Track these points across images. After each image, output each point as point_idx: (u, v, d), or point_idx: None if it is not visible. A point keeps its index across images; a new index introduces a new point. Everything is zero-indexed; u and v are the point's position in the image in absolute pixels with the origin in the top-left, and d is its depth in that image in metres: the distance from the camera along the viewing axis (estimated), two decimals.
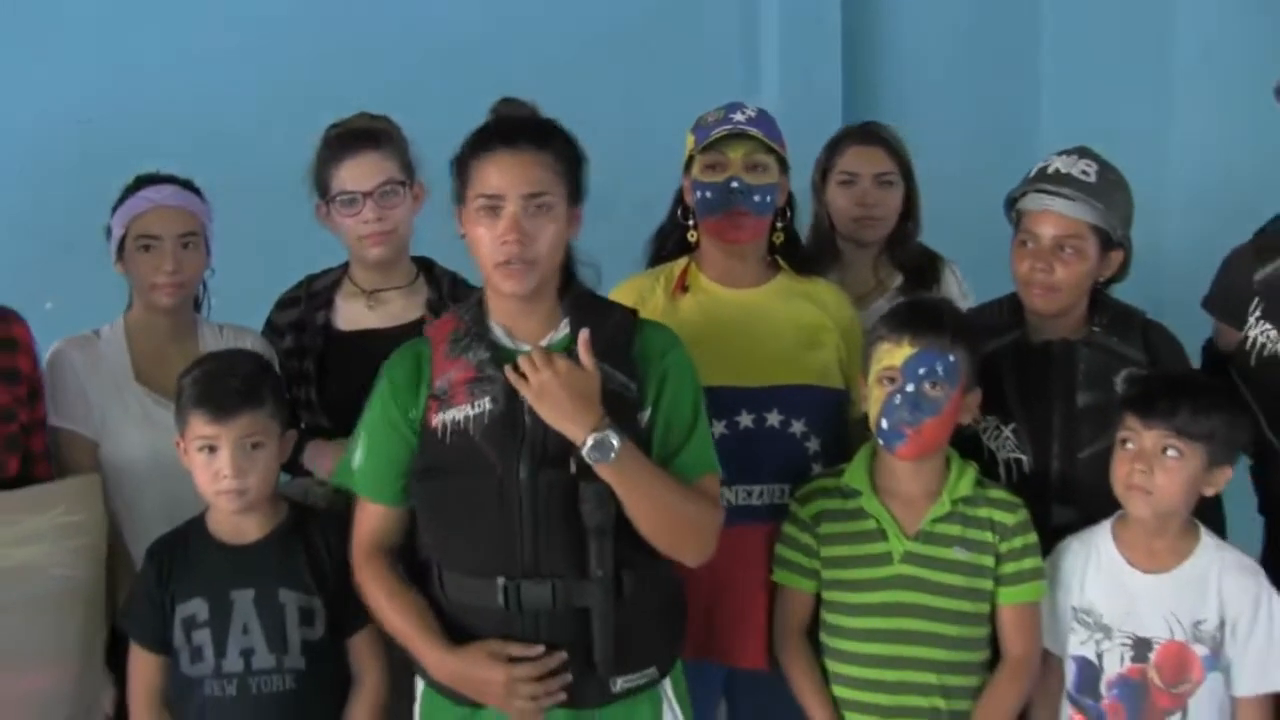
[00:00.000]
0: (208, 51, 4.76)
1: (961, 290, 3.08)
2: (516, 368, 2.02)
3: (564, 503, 2.02)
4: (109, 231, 2.71)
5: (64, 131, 4.65)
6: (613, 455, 1.97)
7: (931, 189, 3.24)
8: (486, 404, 2.06)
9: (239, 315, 2.94)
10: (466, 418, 2.07)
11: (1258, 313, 2.63)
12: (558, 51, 4.67)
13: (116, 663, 2.44)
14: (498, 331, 2.11)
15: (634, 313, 2.22)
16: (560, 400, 1.99)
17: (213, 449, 2.24)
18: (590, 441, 1.97)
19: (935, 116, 5.13)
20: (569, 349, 2.05)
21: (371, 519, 2.18)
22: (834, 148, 3.17)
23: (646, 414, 2.11)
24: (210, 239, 2.74)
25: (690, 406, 2.13)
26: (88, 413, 2.61)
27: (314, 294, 2.80)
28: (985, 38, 5.40)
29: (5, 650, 2.30)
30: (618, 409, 2.04)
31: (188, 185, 2.72)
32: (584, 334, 2.04)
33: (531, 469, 2.03)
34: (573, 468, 2.02)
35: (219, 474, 2.23)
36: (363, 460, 2.16)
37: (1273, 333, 2.58)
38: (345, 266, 2.82)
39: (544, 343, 2.10)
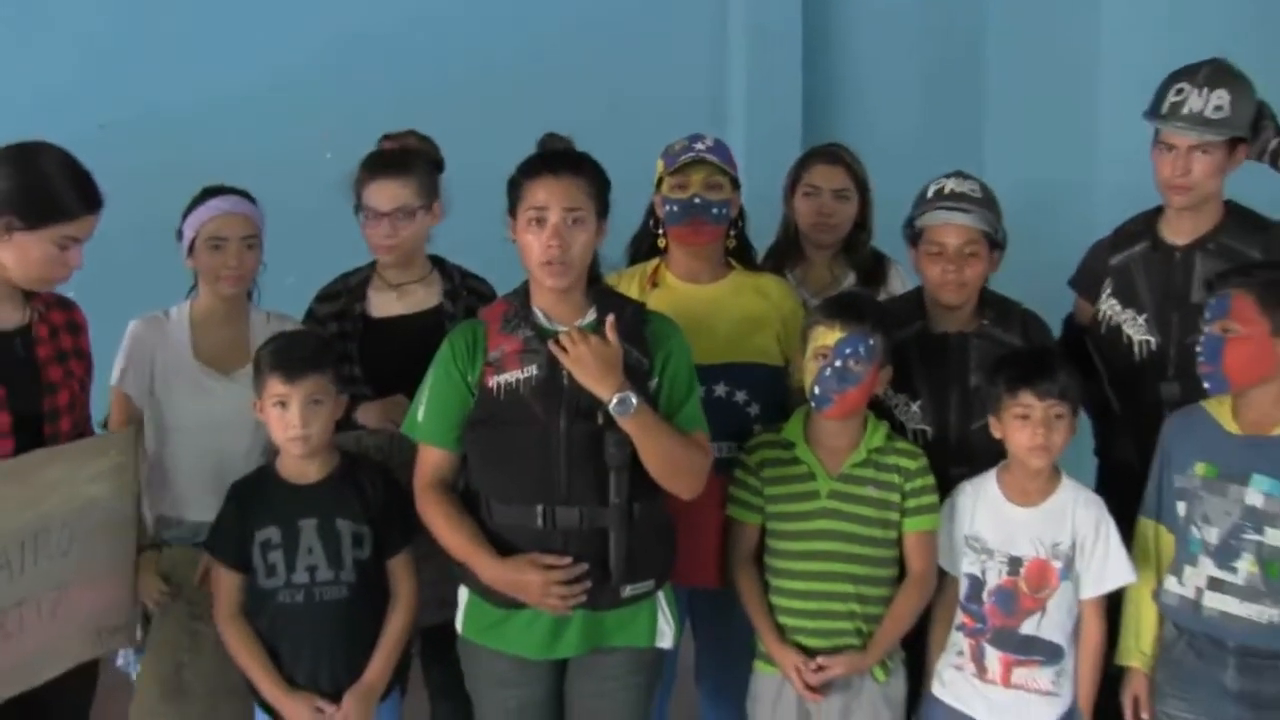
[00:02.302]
0: (220, 59, 5.11)
1: (904, 285, 3.56)
2: (559, 342, 2.56)
3: (592, 447, 2.55)
4: (180, 234, 3.13)
5: (85, 134, 5.06)
6: (632, 410, 2.52)
7: (885, 189, 3.62)
8: (534, 370, 2.58)
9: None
10: (518, 380, 2.59)
11: (1108, 291, 3.20)
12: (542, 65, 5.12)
13: None
14: (539, 315, 2.64)
15: (643, 305, 2.77)
16: (592, 368, 2.52)
17: (284, 404, 2.73)
18: (615, 400, 2.51)
19: (886, 127, 5.65)
20: (598, 329, 2.59)
21: (432, 460, 2.68)
22: (802, 164, 3.72)
23: (654, 382, 2.64)
24: (263, 241, 3.19)
25: (686, 378, 2.69)
26: (147, 385, 3.07)
27: (350, 289, 3.26)
28: (934, 57, 5.87)
29: (85, 568, 2.74)
30: (633, 377, 2.57)
31: (247, 195, 3.17)
32: (610, 319, 2.59)
33: (568, 420, 2.56)
34: (600, 420, 2.55)
35: (289, 424, 2.73)
36: (426, 414, 2.67)
37: (1118, 308, 3.16)
38: (373, 264, 3.29)
39: (577, 324, 2.63)
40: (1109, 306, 3.20)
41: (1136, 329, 3.14)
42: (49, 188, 2.66)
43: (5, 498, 2.57)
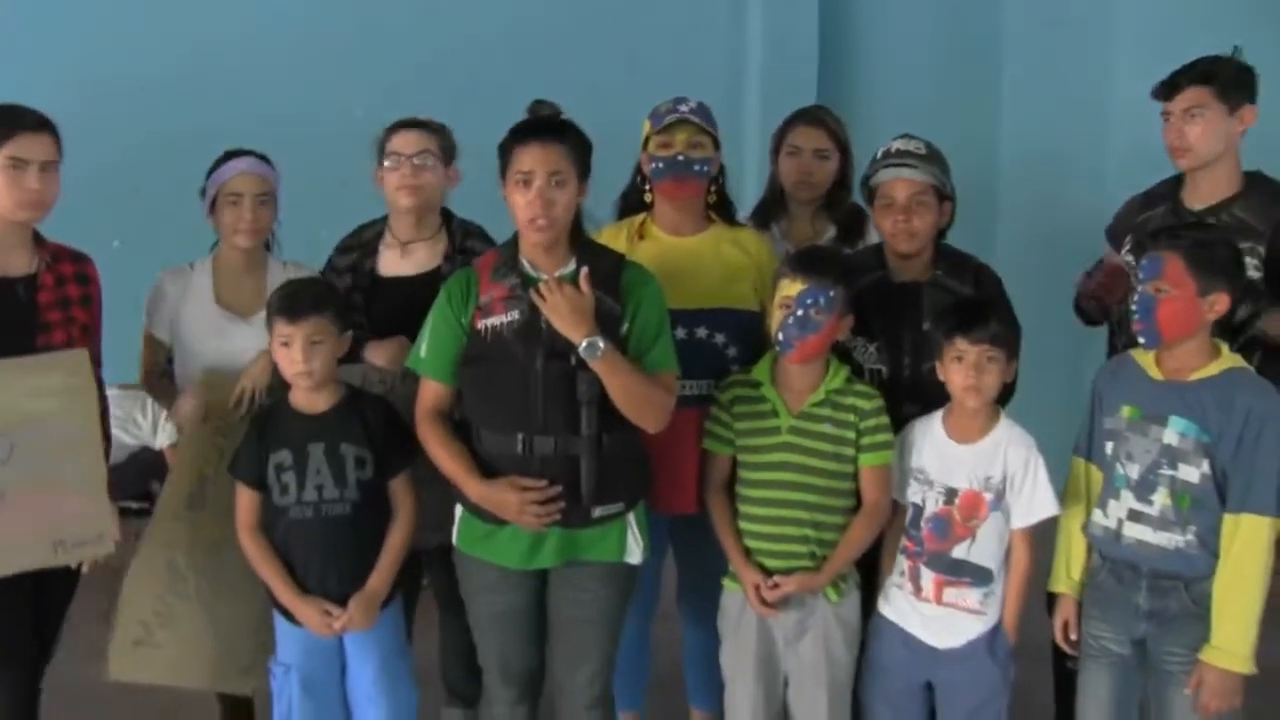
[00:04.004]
0: (253, 27, 5.43)
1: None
2: (538, 290, 2.85)
3: (565, 383, 2.85)
4: (204, 192, 3.47)
5: (127, 93, 5.36)
6: (599, 353, 2.81)
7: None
8: (516, 315, 2.88)
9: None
10: (502, 323, 2.90)
11: (1128, 246, 3.43)
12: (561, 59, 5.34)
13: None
14: (525, 264, 2.94)
15: (622, 256, 3.05)
16: (566, 314, 2.82)
17: (288, 344, 3.05)
18: (584, 343, 2.81)
19: (902, 89, 5.84)
20: (574, 279, 2.88)
21: (431, 392, 3.00)
22: (786, 126, 3.95)
23: (625, 326, 2.92)
24: (279, 197, 3.51)
25: (655, 324, 2.96)
26: (172, 326, 3.43)
27: (364, 243, 3.57)
28: (950, 17, 5.99)
29: (34, 480, 2.96)
30: (605, 322, 2.86)
31: (263, 157, 3.49)
32: (584, 271, 2.88)
33: (545, 360, 2.86)
34: (572, 360, 2.84)
35: (294, 361, 3.05)
36: (427, 351, 2.98)
37: (1132, 263, 3.34)
38: (386, 219, 3.58)
39: (557, 274, 2.90)
40: (1126, 261, 3.43)
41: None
42: None
43: None
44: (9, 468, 2.95)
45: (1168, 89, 3.32)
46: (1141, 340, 2.92)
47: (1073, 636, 3.08)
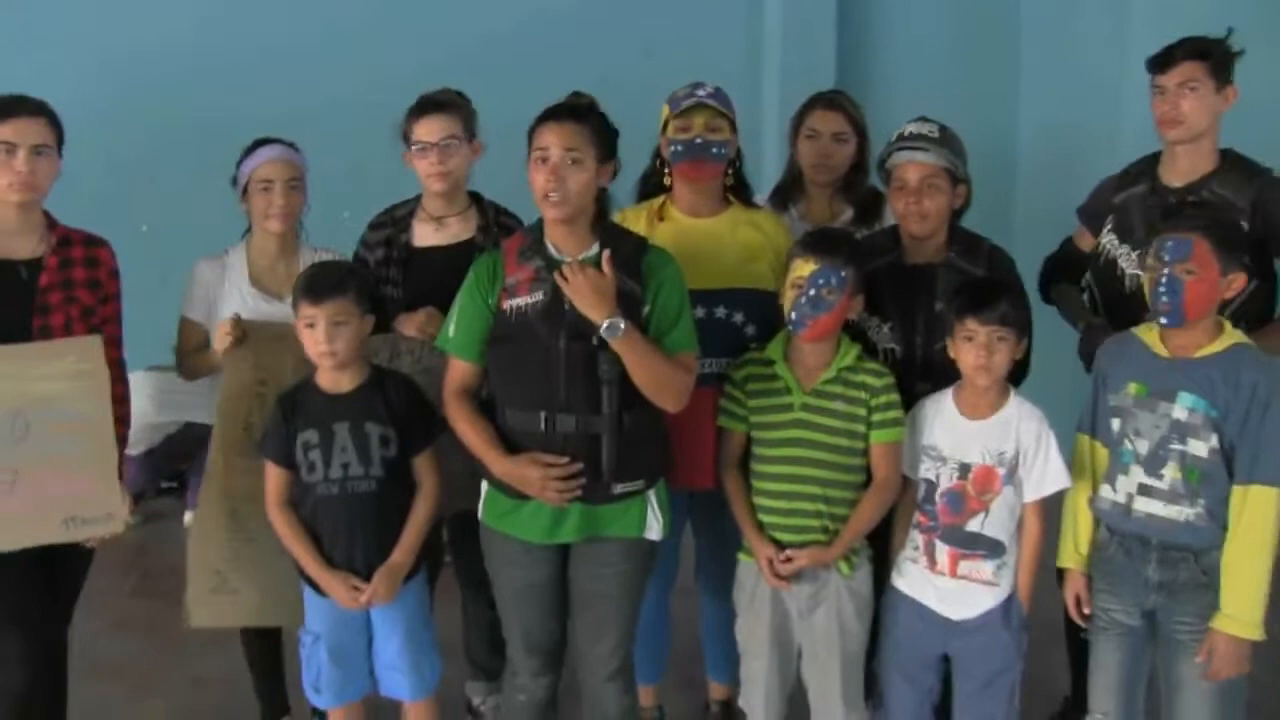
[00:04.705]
0: (274, 17, 5.54)
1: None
2: (561, 273, 2.92)
3: (587, 363, 2.92)
4: (235, 180, 3.58)
5: (153, 82, 5.48)
6: (619, 334, 2.87)
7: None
8: (540, 296, 2.95)
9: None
10: (527, 304, 2.97)
11: (1109, 226, 3.51)
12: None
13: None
14: (550, 247, 3.01)
15: (644, 240, 3.11)
16: (588, 296, 2.88)
17: (312, 325, 3.13)
18: (605, 324, 2.87)
19: (921, 70, 5.87)
20: (597, 262, 2.95)
21: (459, 371, 3.08)
22: (804, 109, 4.00)
23: (646, 308, 2.99)
24: (307, 184, 3.60)
25: (675, 306, 3.02)
26: (208, 309, 3.53)
27: (396, 220, 3.67)
28: (970, 3, 6.10)
29: (48, 459, 3.08)
30: (627, 304, 2.92)
31: (292, 145, 3.60)
32: (606, 253, 2.95)
33: (568, 340, 2.92)
34: (594, 341, 2.91)
35: (317, 341, 3.12)
36: (455, 331, 3.06)
37: (1115, 242, 3.46)
38: (419, 198, 3.67)
39: (580, 257, 2.97)
40: (1108, 241, 3.51)
41: (1129, 263, 3.44)
42: None
43: None
44: (25, 446, 3.06)
45: (1162, 62, 3.38)
46: (1164, 320, 2.94)
47: (1086, 610, 3.14)
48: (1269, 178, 3.36)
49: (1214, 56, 3.33)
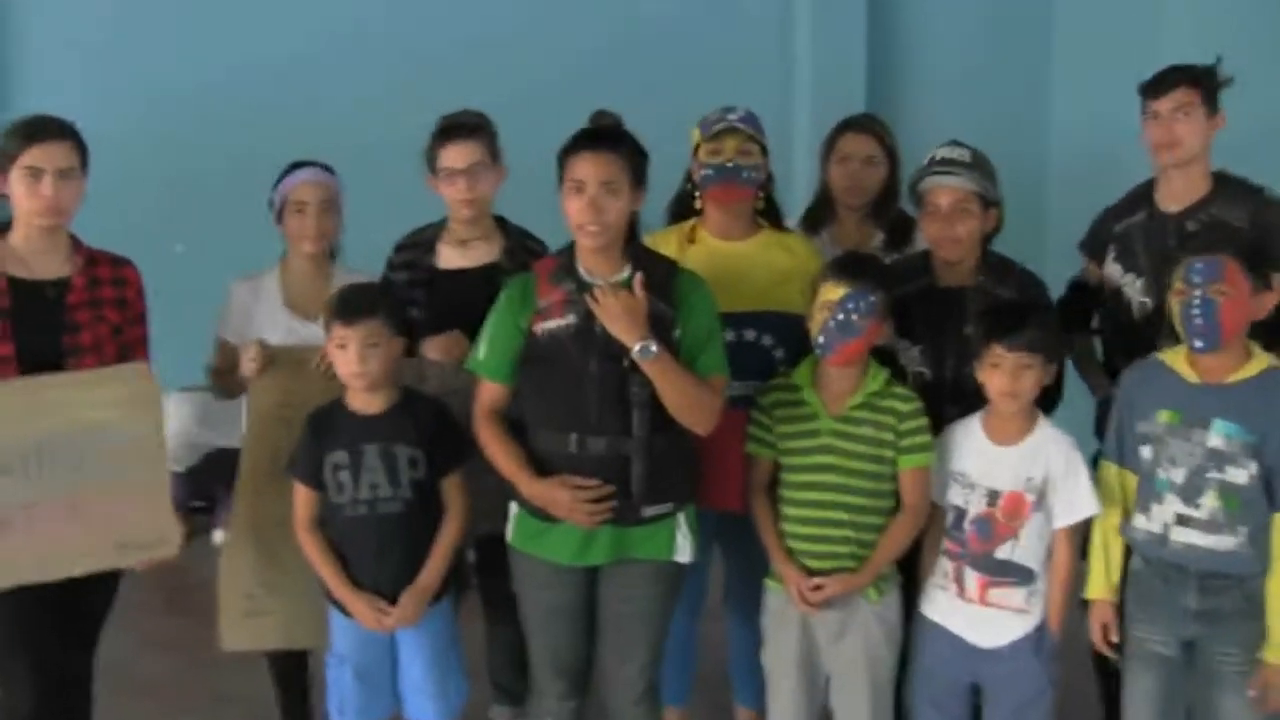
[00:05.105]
0: (307, 45, 5.61)
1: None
2: (594, 295, 2.93)
3: (619, 386, 2.93)
4: (272, 202, 3.60)
5: (191, 107, 5.57)
6: (651, 356, 2.88)
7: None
8: (573, 318, 2.96)
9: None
10: (559, 326, 2.97)
11: (1112, 255, 3.51)
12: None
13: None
14: (582, 270, 3.01)
15: (675, 263, 3.12)
16: (620, 319, 2.89)
17: (344, 346, 3.13)
18: (637, 347, 2.88)
19: (949, 98, 5.87)
20: (628, 285, 2.95)
21: (489, 392, 3.09)
22: (835, 133, 4.01)
23: (678, 331, 2.99)
24: (342, 207, 3.63)
25: (706, 329, 3.03)
26: (243, 330, 3.54)
27: (422, 242, 3.67)
28: (1000, 29, 6.09)
29: (104, 484, 3.08)
30: (659, 327, 2.93)
31: (326, 168, 3.62)
32: (639, 276, 2.95)
33: (599, 363, 2.93)
34: (626, 363, 2.92)
35: (350, 363, 3.13)
36: (485, 352, 3.07)
37: (1119, 271, 3.46)
38: (444, 221, 3.68)
39: (613, 279, 2.97)
40: (1113, 270, 3.50)
41: (1135, 291, 3.43)
42: (7, 132, 3.13)
43: (8, 410, 2.97)
44: (80, 474, 3.06)
45: (1156, 88, 3.39)
46: (1199, 344, 2.91)
47: (1113, 639, 3.10)
48: (1263, 197, 3.39)
49: (1206, 84, 3.37)
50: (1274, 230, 3.25)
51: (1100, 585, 3.13)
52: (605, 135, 3.06)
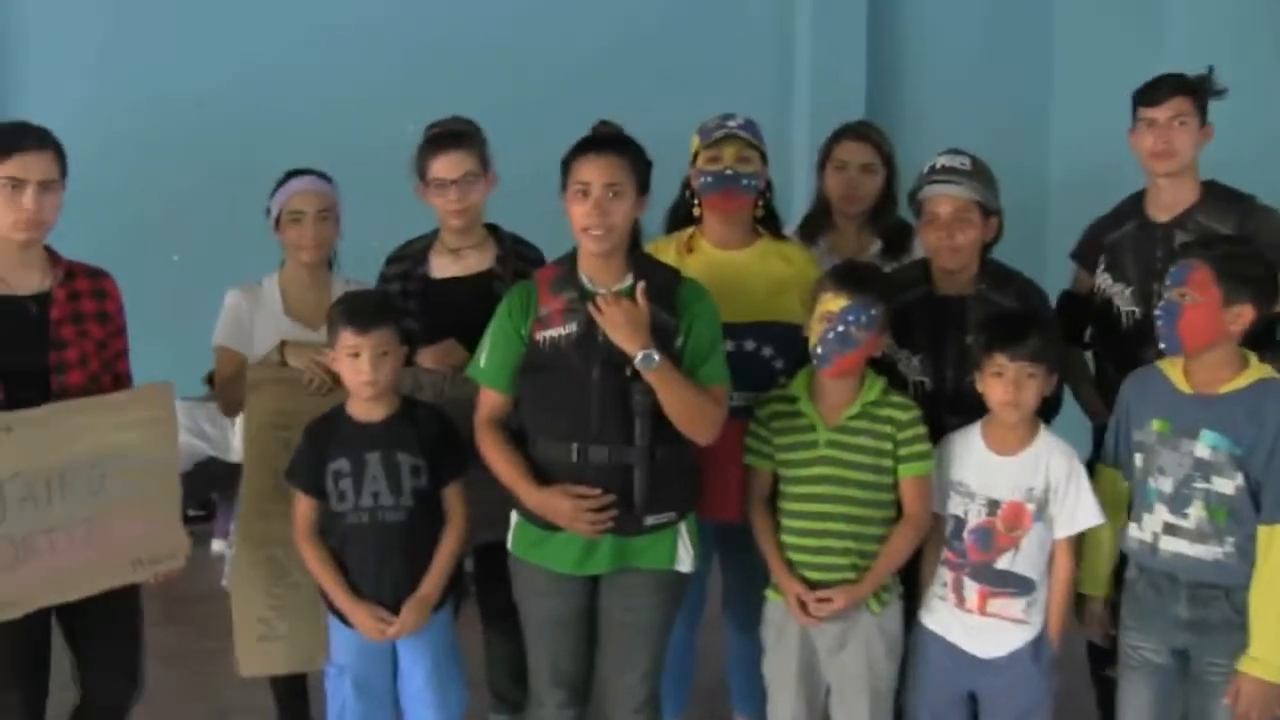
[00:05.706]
0: (305, 53, 5.61)
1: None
2: (596, 304, 2.93)
3: (621, 395, 2.93)
4: (269, 210, 3.60)
5: (186, 115, 5.56)
6: (654, 365, 2.88)
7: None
8: (574, 327, 2.96)
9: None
10: (560, 335, 2.98)
11: (1102, 266, 3.52)
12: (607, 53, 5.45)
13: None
14: (584, 278, 3.02)
15: (678, 272, 3.12)
16: (622, 328, 2.89)
17: (356, 355, 3.13)
18: (640, 356, 2.88)
19: (951, 107, 5.88)
20: (631, 293, 2.96)
21: (490, 400, 3.09)
22: (832, 141, 4.02)
23: (680, 341, 2.99)
24: (340, 215, 3.63)
25: (709, 338, 3.04)
26: (243, 338, 3.55)
27: (414, 253, 3.67)
28: (1000, 36, 6.10)
29: (121, 505, 3.09)
30: (661, 336, 2.93)
31: (324, 176, 3.62)
32: (641, 285, 2.96)
33: (601, 372, 2.94)
34: (628, 372, 2.92)
35: (361, 372, 3.12)
36: (486, 361, 3.07)
37: (1109, 281, 3.48)
38: (436, 231, 3.68)
39: (615, 288, 2.98)
40: (1103, 280, 3.52)
41: (1124, 300, 3.45)
42: None
43: (32, 441, 2.93)
44: (99, 497, 3.07)
45: (1153, 96, 3.42)
46: (1162, 346, 2.95)
47: (1110, 632, 3.13)
48: (1249, 204, 3.42)
49: (1200, 95, 3.40)
50: (1261, 237, 3.26)
51: (1093, 583, 3.16)
52: (610, 140, 3.07)
